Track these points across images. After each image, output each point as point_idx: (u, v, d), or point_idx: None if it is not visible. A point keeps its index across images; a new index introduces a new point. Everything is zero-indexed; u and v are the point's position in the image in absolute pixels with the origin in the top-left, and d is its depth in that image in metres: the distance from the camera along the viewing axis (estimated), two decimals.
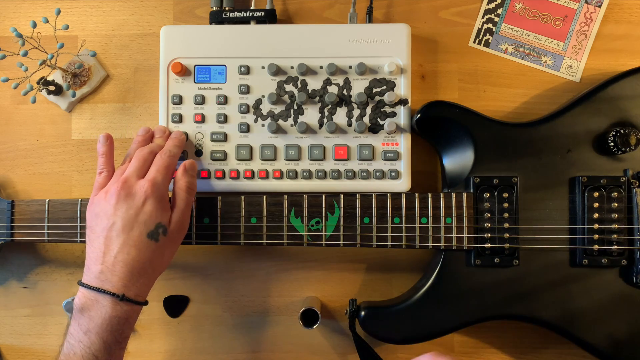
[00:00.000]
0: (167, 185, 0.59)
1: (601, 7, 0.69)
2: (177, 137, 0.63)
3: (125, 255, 0.54)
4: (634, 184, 0.61)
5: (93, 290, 0.54)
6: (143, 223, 0.55)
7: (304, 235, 0.62)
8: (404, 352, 0.69)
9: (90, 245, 0.56)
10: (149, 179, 0.57)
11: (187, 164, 0.61)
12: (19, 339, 0.71)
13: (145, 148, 0.61)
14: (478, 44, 0.70)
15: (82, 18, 0.72)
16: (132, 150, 0.62)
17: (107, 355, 0.53)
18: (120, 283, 0.54)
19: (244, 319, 0.70)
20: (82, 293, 0.55)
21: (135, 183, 0.57)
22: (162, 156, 0.59)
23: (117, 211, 0.55)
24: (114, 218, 0.55)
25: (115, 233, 0.55)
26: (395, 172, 0.65)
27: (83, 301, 0.54)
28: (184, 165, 0.61)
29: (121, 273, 0.54)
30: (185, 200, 0.59)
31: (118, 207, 0.55)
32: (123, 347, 0.56)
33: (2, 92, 0.72)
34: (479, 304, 0.62)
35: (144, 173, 0.58)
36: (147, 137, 0.64)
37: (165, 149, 0.60)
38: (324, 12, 0.71)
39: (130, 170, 0.58)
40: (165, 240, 0.57)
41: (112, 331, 0.53)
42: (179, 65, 0.66)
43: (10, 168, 0.72)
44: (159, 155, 0.60)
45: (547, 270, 0.61)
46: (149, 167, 0.59)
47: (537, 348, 0.68)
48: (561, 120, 0.63)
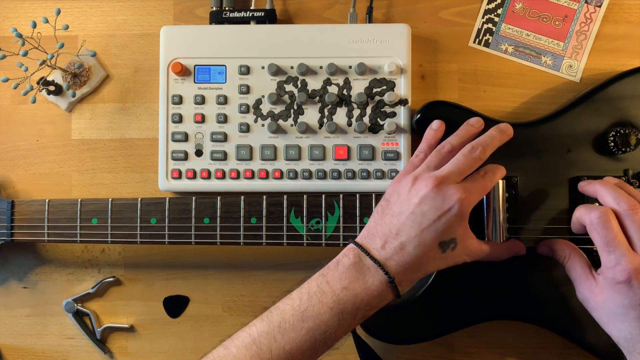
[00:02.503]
0: (474, 205, 0.54)
1: (601, 7, 0.69)
2: (501, 171, 0.57)
3: (412, 249, 0.52)
4: (634, 183, 0.61)
5: (373, 260, 0.52)
6: (441, 230, 0.51)
7: (304, 235, 0.62)
8: (404, 352, 0.69)
9: (382, 216, 0.54)
10: (463, 196, 0.51)
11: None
12: (19, 339, 0.71)
13: (477, 151, 0.54)
14: (478, 44, 0.70)
15: (82, 18, 0.72)
16: (456, 139, 0.57)
17: (337, 328, 0.52)
18: (396, 269, 0.52)
19: (244, 319, 0.70)
20: (353, 253, 0.53)
21: (450, 187, 0.52)
22: (486, 179, 0.55)
23: (422, 205, 0.52)
24: (416, 209, 0.52)
25: (411, 223, 0.52)
26: (395, 172, 0.65)
27: (349, 260, 0.52)
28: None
29: (401, 261, 0.52)
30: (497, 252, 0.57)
31: (424, 202, 0.52)
32: (350, 328, 0.53)
33: (2, 92, 0.72)
34: (479, 304, 0.62)
35: (460, 179, 0.53)
36: (478, 129, 0.58)
37: (495, 175, 0.55)
38: (324, 12, 0.71)
39: (450, 169, 0.53)
40: (450, 255, 0.53)
41: (362, 303, 0.52)
42: (179, 65, 0.66)
43: (10, 168, 0.72)
44: (485, 177, 0.55)
45: (547, 270, 0.61)
46: (468, 173, 0.54)
47: (537, 348, 0.68)
48: (561, 120, 0.63)
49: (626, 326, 0.50)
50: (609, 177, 0.58)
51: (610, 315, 0.51)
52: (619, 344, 0.51)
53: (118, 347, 0.70)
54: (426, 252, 0.52)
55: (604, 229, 0.50)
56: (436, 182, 0.52)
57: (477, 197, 0.53)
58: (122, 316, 0.70)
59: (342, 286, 0.52)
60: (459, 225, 0.52)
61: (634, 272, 0.48)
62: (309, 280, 0.54)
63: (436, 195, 0.52)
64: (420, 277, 0.55)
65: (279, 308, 0.53)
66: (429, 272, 0.55)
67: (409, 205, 0.53)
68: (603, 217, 0.51)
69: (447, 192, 0.52)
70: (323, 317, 0.51)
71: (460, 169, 0.53)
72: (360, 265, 0.52)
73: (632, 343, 0.49)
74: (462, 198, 0.51)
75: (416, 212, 0.52)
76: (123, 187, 0.71)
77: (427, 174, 0.54)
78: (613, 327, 0.51)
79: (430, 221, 0.51)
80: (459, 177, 0.53)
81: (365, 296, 0.52)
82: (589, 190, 0.55)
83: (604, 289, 0.51)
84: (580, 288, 0.52)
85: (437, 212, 0.51)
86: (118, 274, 0.70)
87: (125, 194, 0.70)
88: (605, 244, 0.50)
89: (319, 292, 0.52)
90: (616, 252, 0.50)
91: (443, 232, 0.52)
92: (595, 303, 0.51)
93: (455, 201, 0.51)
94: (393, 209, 0.54)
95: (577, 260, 0.53)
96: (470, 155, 0.54)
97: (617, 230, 0.50)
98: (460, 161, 0.54)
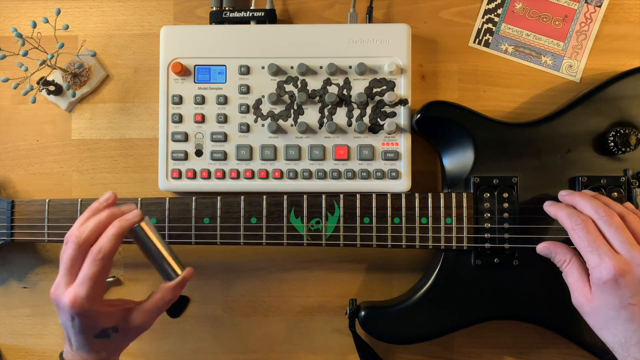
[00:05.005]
0: (100, 291, 0.54)
1: (601, 7, 0.69)
2: (117, 225, 0.54)
3: (81, 350, 0.55)
4: (634, 184, 0.61)
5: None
6: (85, 332, 0.54)
7: (304, 235, 0.62)
8: (404, 352, 0.69)
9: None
10: (72, 299, 0.52)
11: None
12: (19, 339, 0.71)
13: (73, 246, 0.53)
14: (478, 44, 0.70)
15: (82, 18, 0.72)
16: (70, 234, 0.54)
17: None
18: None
19: (244, 319, 0.70)
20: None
21: (62, 295, 0.53)
22: (92, 263, 0.52)
23: (61, 316, 0.54)
24: (62, 319, 0.55)
25: (66, 329, 0.55)
26: (395, 172, 0.65)
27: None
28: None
29: (81, 358, 0.55)
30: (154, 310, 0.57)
31: (60, 314, 0.54)
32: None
33: (2, 92, 0.72)
34: (479, 304, 0.62)
35: (75, 274, 0.53)
36: (100, 209, 0.57)
37: (95, 249, 0.53)
38: (324, 12, 0.71)
39: (59, 276, 0.54)
40: (119, 336, 0.56)
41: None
42: (179, 65, 0.66)
43: (10, 168, 0.72)
44: (90, 260, 0.52)
45: (547, 270, 0.61)
46: (81, 264, 0.53)
47: (537, 348, 0.68)
48: (561, 120, 0.63)
49: (619, 330, 0.50)
50: (587, 190, 0.59)
51: (603, 320, 0.51)
52: (614, 351, 0.51)
53: None
54: (93, 347, 0.55)
55: (585, 232, 0.52)
56: (54, 297, 0.54)
57: (90, 290, 0.52)
58: None
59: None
60: (98, 319, 0.54)
61: (619, 270, 0.49)
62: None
63: (58, 309, 0.54)
64: (112, 355, 0.57)
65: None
66: (117, 351, 0.58)
67: (59, 316, 0.55)
68: (584, 222, 0.53)
69: (61, 306, 0.53)
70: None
71: (65, 272, 0.53)
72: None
73: (627, 347, 0.50)
74: (71, 311, 0.52)
75: (62, 322, 0.55)
76: (123, 187, 0.71)
77: (53, 287, 0.55)
78: (607, 332, 0.51)
79: (72, 330, 0.54)
80: (69, 278, 0.53)
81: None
82: (567, 201, 0.57)
83: (595, 292, 0.51)
84: (576, 294, 0.53)
85: (70, 323, 0.53)
86: (118, 274, 0.71)
87: (125, 194, 0.70)
88: (588, 245, 0.51)
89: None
90: (599, 250, 0.51)
91: (87, 331, 0.54)
92: (589, 308, 0.52)
93: (69, 312, 0.52)
94: (60, 321, 0.56)
95: (576, 267, 0.54)
96: (63, 256, 0.54)
97: (598, 233, 0.52)
98: (62, 263, 0.54)
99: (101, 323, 0.54)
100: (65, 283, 0.53)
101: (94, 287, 0.52)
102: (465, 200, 0.62)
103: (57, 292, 0.54)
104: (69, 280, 0.53)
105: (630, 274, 0.49)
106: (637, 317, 0.49)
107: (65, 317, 0.53)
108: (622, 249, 0.50)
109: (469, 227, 0.62)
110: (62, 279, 0.53)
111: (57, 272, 0.70)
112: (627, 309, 0.49)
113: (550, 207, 0.57)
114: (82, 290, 0.52)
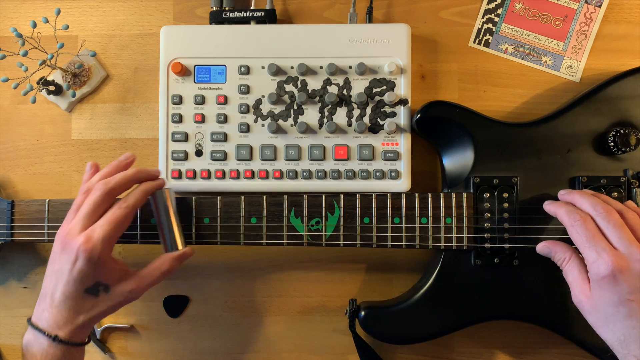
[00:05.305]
0: (114, 241, 0.55)
1: (601, 7, 0.69)
2: (145, 184, 0.58)
3: (62, 304, 0.54)
4: (634, 184, 0.61)
5: (32, 328, 0.54)
6: (79, 280, 0.53)
7: (304, 235, 0.62)
8: (404, 352, 0.69)
9: (44, 278, 0.56)
10: (88, 236, 0.53)
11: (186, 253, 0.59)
12: (19, 339, 0.71)
13: (102, 188, 0.55)
14: (478, 44, 0.70)
15: (82, 18, 0.72)
16: (94, 182, 0.57)
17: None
18: (56, 325, 0.53)
19: (244, 319, 0.70)
20: (27, 330, 0.55)
21: (73, 239, 0.53)
22: (120, 207, 0.55)
23: (61, 258, 0.54)
24: (58, 264, 0.54)
25: (55, 279, 0.54)
26: (395, 172, 0.65)
27: (27, 338, 0.55)
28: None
29: (56, 316, 0.54)
30: (156, 278, 0.57)
31: (61, 256, 0.54)
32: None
33: (2, 92, 0.72)
34: (479, 304, 0.62)
35: (94, 220, 0.54)
36: (121, 166, 0.59)
37: (129, 201, 0.55)
38: (324, 12, 0.71)
39: (76, 219, 0.54)
40: (107, 297, 0.55)
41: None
42: (179, 65, 0.66)
43: (10, 168, 0.72)
44: (116, 206, 0.55)
45: (547, 270, 0.61)
46: (102, 213, 0.55)
47: (537, 348, 0.68)
48: (561, 120, 0.63)
49: (618, 327, 0.50)
50: (587, 189, 0.59)
51: (603, 317, 0.51)
52: (614, 349, 0.51)
53: (118, 347, 0.70)
54: (77, 302, 0.54)
55: (583, 229, 0.52)
56: (63, 237, 0.54)
57: (108, 234, 0.53)
58: (122, 316, 0.70)
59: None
60: (98, 269, 0.53)
61: (617, 266, 0.49)
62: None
63: (63, 249, 0.54)
64: (87, 324, 0.55)
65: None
66: (95, 317, 0.55)
67: (54, 262, 0.55)
68: (582, 218, 0.53)
69: (70, 245, 0.53)
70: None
71: (85, 215, 0.54)
72: (32, 340, 0.54)
73: (627, 345, 0.49)
74: (82, 247, 0.52)
75: (56, 269, 0.54)
76: None
77: (64, 224, 0.55)
78: (607, 330, 0.51)
79: (67, 275, 0.53)
80: (87, 222, 0.54)
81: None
82: (567, 199, 0.57)
83: (594, 289, 0.51)
84: (576, 292, 0.53)
85: (69, 266, 0.53)
86: None
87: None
88: (586, 241, 0.52)
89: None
90: (597, 246, 0.51)
91: (82, 281, 0.53)
92: (588, 306, 0.52)
93: (77, 251, 0.52)
94: (49, 270, 0.56)
95: (576, 265, 0.54)
96: (90, 197, 0.55)
97: (596, 229, 0.52)
98: (84, 206, 0.55)
99: (98, 275, 0.54)
100: (81, 227, 0.54)
101: (114, 231, 0.54)
102: (465, 200, 0.62)
103: (69, 233, 0.53)
104: (85, 225, 0.54)
105: (628, 269, 0.49)
106: (636, 314, 0.49)
107: (66, 260, 0.53)
108: (621, 245, 0.50)
109: (469, 227, 0.62)
110: (78, 223, 0.54)
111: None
112: (626, 305, 0.49)
113: (549, 206, 0.57)
114: (100, 231, 0.53)
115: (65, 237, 0.54)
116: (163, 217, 0.59)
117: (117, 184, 0.56)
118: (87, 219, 0.54)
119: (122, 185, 0.56)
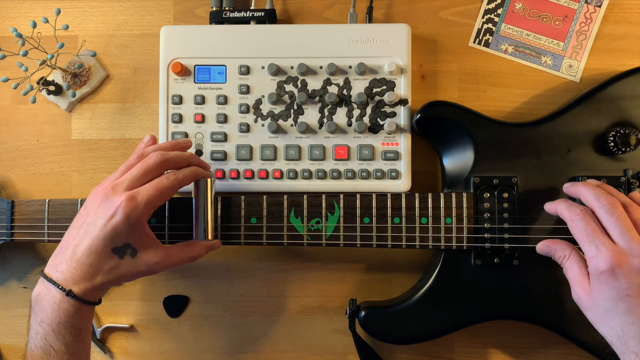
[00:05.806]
0: (154, 208, 0.54)
1: (601, 7, 0.69)
2: (197, 168, 0.58)
3: (85, 258, 0.53)
4: (634, 184, 0.61)
5: (46, 279, 0.54)
6: (110, 237, 0.52)
7: (304, 235, 0.62)
8: (404, 352, 0.69)
9: (67, 232, 0.56)
10: (132, 194, 0.53)
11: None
12: (19, 339, 0.71)
13: (158, 156, 0.56)
14: (478, 44, 0.70)
15: (82, 18, 0.72)
16: (150, 150, 0.58)
17: (63, 347, 0.53)
18: (72, 279, 0.53)
19: (244, 319, 0.70)
20: (39, 282, 0.54)
21: (116, 195, 0.53)
22: (168, 178, 0.55)
23: (97, 211, 0.53)
24: (91, 217, 0.53)
25: (83, 231, 0.53)
26: (395, 172, 0.65)
27: (38, 290, 0.54)
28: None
29: (75, 270, 0.53)
30: (185, 255, 0.57)
31: (98, 209, 0.53)
32: (82, 339, 0.54)
33: (2, 92, 0.72)
34: (479, 304, 0.62)
35: (141, 184, 0.54)
36: (179, 146, 0.60)
37: (178, 175, 0.56)
38: (324, 12, 0.71)
39: (127, 176, 0.55)
40: (132, 262, 0.54)
41: (62, 322, 0.53)
42: (179, 65, 0.66)
43: (10, 168, 0.72)
44: (165, 176, 0.55)
45: (547, 270, 0.61)
46: (150, 180, 0.55)
47: (537, 348, 0.68)
48: (561, 120, 0.63)
49: (617, 322, 0.50)
50: (592, 179, 0.59)
51: (602, 313, 0.51)
52: (613, 345, 0.51)
53: (118, 347, 0.70)
54: (101, 259, 0.53)
55: (583, 223, 0.52)
56: (108, 189, 0.54)
57: (152, 199, 0.53)
58: (122, 316, 0.70)
59: (38, 322, 0.53)
60: (131, 231, 0.53)
61: (615, 261, 0.49)
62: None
63: (102, 203, 0.53)
64: (115, 284, 0.55)
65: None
66: (113, 280, 0.54)
67: (87, 214, 0.54)
68: (582, 213, 0.53)
69: (112, 199, 0.53)
70: (42, 353, 0.53)
71: (134, 176, 0.54)
72: (43, 292, 0.53)
73: (625, 340, 0.49)
74: (124, 203, 0.52)
75: (88, 221, 0.53)
76: None
77: (110, 179, 0.55)
78: (605, 326, 0.51)
79: (99, 229, 0.52)
80: (134, 183, 0.54)
81: (57, 317, 0.53)
82: (571, 192, 0.57)
83: (593, 284, 0.51)
84: (575, 287, 0.53)
85: (104, 220, 0.52)
86: None
87: None
88: (586, 235, 0.51)
89: (32, 343, 0.54)
90: (596, 241, 0.51)
91: (112, 238, 0.52)
92: (588, 302, 0.51)
93: (117, 207, 0.52)
94: (76, 221, 0.55)
95: (576, 261, 0.54)
96: (144, 161, 0.55)
97: (597, 224, 0.52)
98: (136, 168, 0.55)
99: (130, 237, 0.53)
100: (127, 186, 0.53)
101: (158, 198, 0.54)
102: (465, 200, 0.62)
103: (114, 189, 0.53)
104: (132, 185, 0.54)
105: (627, 265, 0.49)
106: (635, 309, 0.49)
107: (103, 214, 0.52)
108: (622, 239, 0.50)
109: (469, 227, 0.62)
110: (126, 181, 0.54)
111: None
112: (625, 300, 0.49)
113: (549, 205, 0.57)
114: (145, 194, 0.53)
115: (109, 192, 0.53)
116: (202, 205, 0.60)
117: (172, 158, 0.56)
118: (136, 180, 0.54)
119: (176, 162, 0.57)
